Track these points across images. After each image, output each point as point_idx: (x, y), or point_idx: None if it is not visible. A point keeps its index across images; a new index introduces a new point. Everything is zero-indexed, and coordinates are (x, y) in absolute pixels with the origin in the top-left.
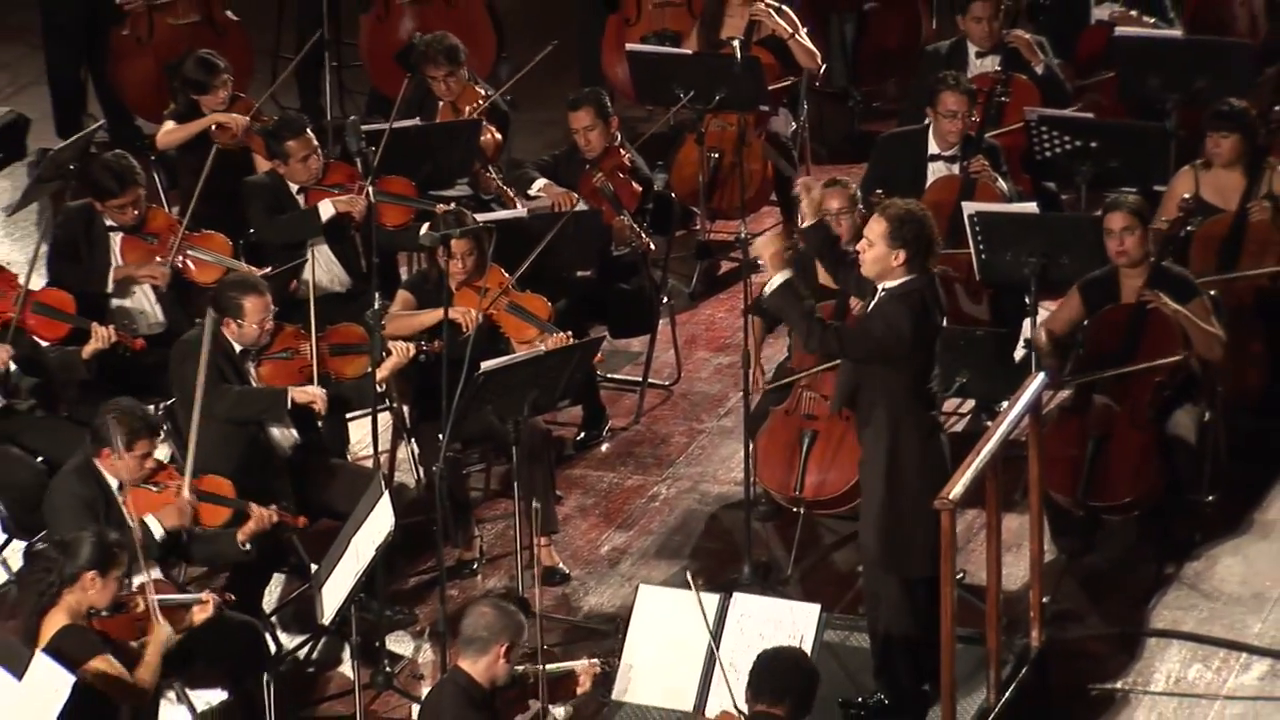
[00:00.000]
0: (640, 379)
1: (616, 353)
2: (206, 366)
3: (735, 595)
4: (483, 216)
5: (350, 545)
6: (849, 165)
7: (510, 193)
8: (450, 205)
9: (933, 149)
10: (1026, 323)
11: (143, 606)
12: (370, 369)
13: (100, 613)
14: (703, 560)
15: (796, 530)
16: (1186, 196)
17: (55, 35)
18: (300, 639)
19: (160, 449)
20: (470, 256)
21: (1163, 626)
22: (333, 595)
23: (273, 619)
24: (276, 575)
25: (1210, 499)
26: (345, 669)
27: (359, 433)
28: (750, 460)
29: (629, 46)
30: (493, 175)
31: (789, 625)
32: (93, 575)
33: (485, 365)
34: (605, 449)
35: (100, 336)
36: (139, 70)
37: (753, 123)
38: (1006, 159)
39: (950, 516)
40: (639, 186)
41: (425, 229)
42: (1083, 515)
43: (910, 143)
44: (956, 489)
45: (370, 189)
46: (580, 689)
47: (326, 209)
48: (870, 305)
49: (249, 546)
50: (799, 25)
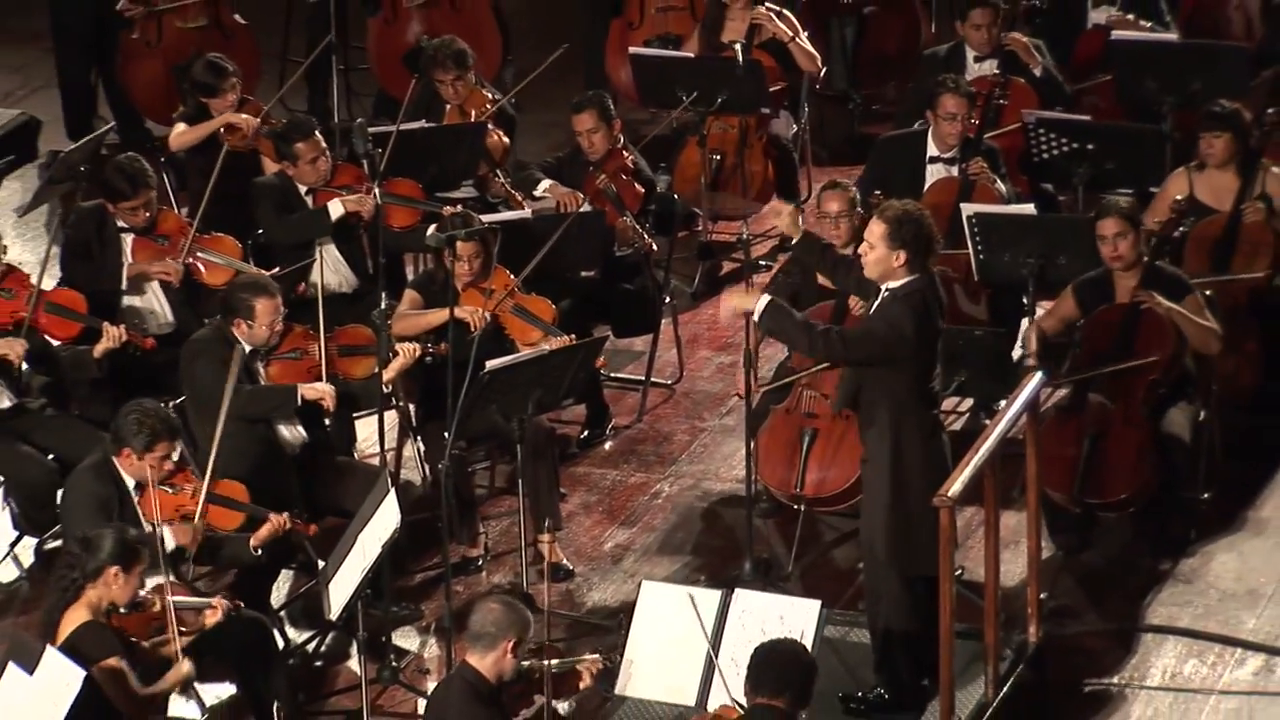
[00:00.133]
0: (643, 378)
1: (619, 352)
2: (219, 366)
3: (737, 591)
4: (487, 218)
5: (357, 542)
6: (849, 167)
7: (519, 196)
8: (457, 207)
9: (932, 151)
10: (1025, 323)
11: (159, 606)
12: (377, 369)
13: (119, 609)
14: (704, 557)
15: (797, 527)
16: (1179, 198)
17: (65, 39)
18: (308, 634)
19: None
20: (477, 259)
21: (1159, 622)
22: (340, 591)
23: (281, 614)
24: (284, 571)
25: (1205, 496)
26: (352, 664)
27: (366, 431)
28: (751, 458)
29: (632, 50)
30: (501, 179)
31: (790, 621)
32: (116, 570)
33: (490, 364)
34: (608, 447)
35: (111, 336)
36: (148, 73)
37: (754, 125)
38: (1005, 161)
39: (949, 513)
40: (642, 188)
41: (431, 230)
42: (1079, 512)
43: (909, 145)
44: (955, 486)
45: (377, 191)
46: (583, 684)
47: (336, 208)
48: (873, 306)
49: (260, 551)
50: (799, 29)
